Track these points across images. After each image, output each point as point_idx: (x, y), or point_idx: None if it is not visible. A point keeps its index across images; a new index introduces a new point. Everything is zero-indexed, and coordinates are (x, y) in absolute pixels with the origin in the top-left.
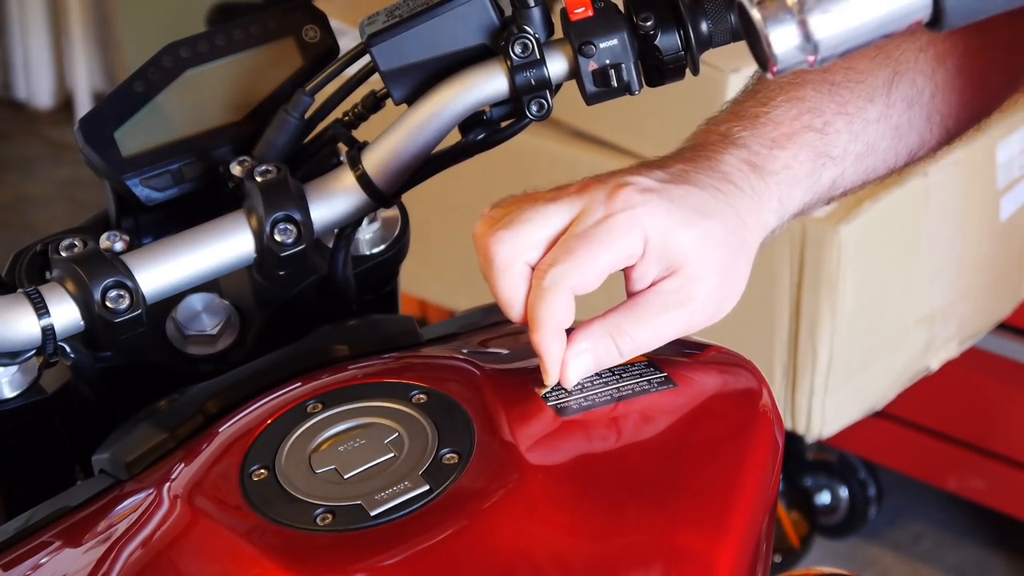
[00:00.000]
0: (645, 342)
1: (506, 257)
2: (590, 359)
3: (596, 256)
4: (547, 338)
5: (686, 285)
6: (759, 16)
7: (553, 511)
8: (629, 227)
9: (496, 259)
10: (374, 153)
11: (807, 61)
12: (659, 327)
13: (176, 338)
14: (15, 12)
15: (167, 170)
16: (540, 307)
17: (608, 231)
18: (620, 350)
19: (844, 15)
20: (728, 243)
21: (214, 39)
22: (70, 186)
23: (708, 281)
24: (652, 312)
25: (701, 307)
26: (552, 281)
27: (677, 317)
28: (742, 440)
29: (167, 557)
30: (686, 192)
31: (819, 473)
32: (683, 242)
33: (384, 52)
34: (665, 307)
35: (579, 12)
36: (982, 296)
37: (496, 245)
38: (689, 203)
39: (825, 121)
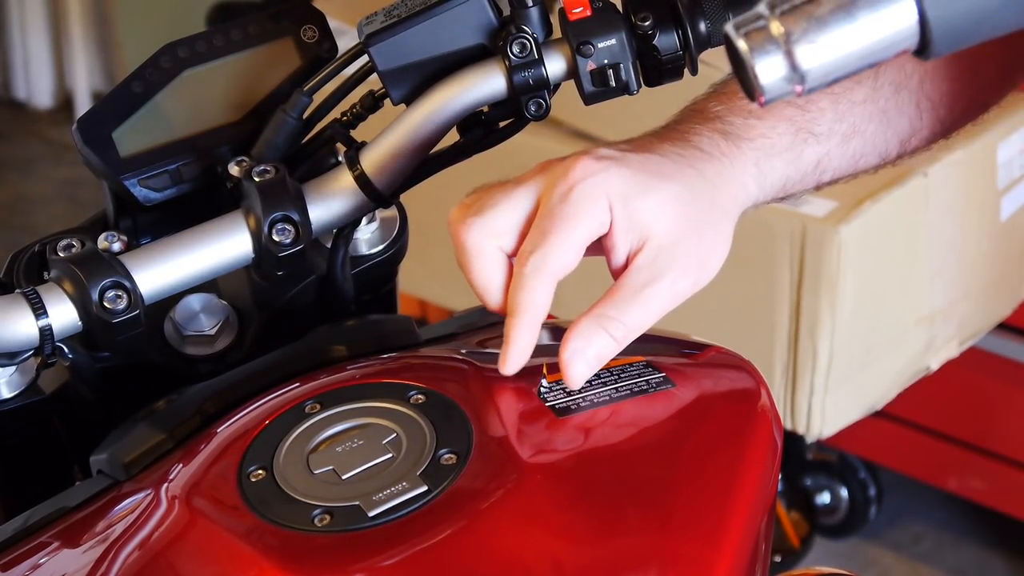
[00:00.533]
0: (636, 323)
1: (477, 243)
2: (589, 355)
3: (570, 232)
4: (521, 326)
5: (660, 254)
6: (745, 47)
7: (551, 512)
8: (593, 195)
9: (468, 245)
10: (372, 153)
11: (794, 91)
12: (645, 304)
13: (174, 338)
14: (15, 12)
15: (165, 170)
16: (520, 294)
17: (575, 203)
18: (613, 337)
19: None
20: (696, 203)
21: (212, 39)
22: (70, 186)
23: (682, 245)
24: (634, 291)
25: (682, 273)
26: (533, 267)
27: (660, 289)
28: (741, 440)
29: (165, 558)
30: (644, 158)
31: (819, 473)
32: (645, 208)
33: (382, 52)
34: (645, 282)
35: (577, 12)
36: (982, 296)
37: (466, 231)
38: (647, 168)
39: (807, 98)
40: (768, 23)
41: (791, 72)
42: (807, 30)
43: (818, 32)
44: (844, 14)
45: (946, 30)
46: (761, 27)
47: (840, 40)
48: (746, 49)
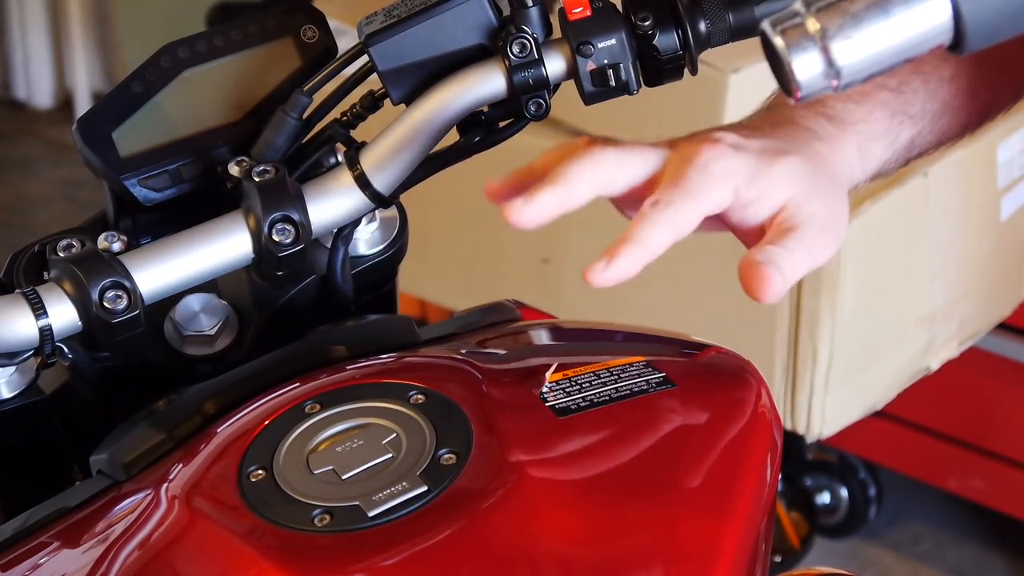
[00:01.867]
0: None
1: (602, 157)
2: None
3: (699, 199)
4: (631, 252)
5: (800, 209)
6: (782, 43)
7: (551, 512)
8: (724, 174)
9: (591, 152)
10: (372, 153)
11: (831, 86)
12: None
13: (174, 338)
14: (15, 12)
15: (165, 170)
16: (644, 226)
17: (709, 176)
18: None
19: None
20: (818, 172)
21: (212, 39)
22: (70, 186)
23: (815, 204)
24: (791, 231)
25: (824, 224)
26: (661, 213)
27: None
28: (740, 440)
29: (165, 558)
30: (763, 143)
31: (819, 473)
32: (773, 180)
33: (382, 52)
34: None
35: (577, 12)
36: (982, 296)
37: (596, 148)
38: (767, 150)
39: (900, 80)
40: (804, 20)
41: (827, 67)
42: (842, 26)
43: (853, 28)
44: (879, 10)
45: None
46: (797, 24)
47: (875, 36)
48: (783, 46)
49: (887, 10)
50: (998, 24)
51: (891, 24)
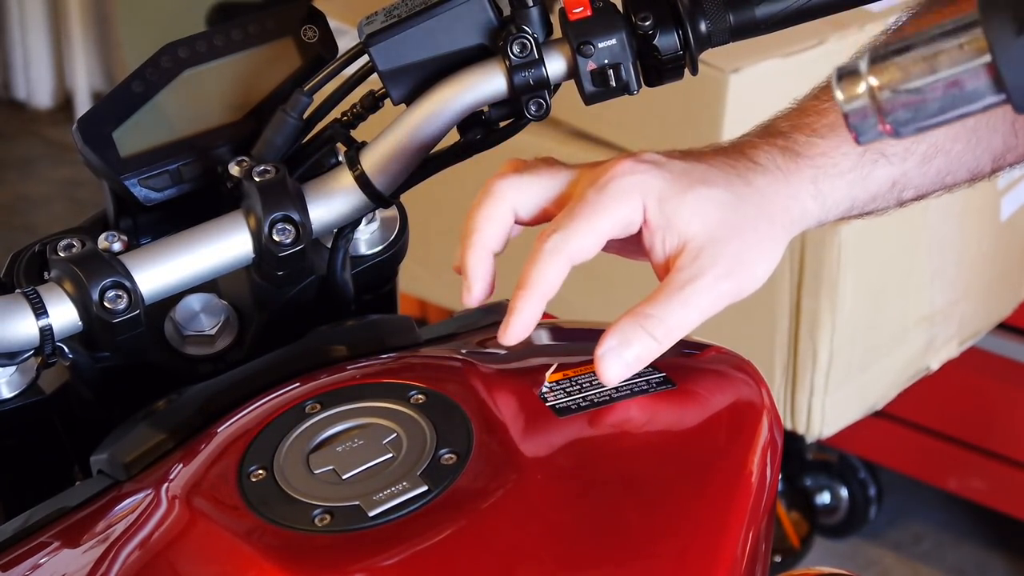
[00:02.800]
0: (677, 323)
1: (500, 191)
2: (627, 355)
3: (596, 220)
4: (529, 298)
5: (700, 254)
6: (841, 96)
7: (551, 511)
8: (627, 191)
9: (490, 191)
10: (372, 153)
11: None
12: (686, 303)
13: (174, 338)
14: (15, 12)
15: (165, 170)
16: (534, 268)
17: (607, 195)
18: (654, 337)
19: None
20: (740, 209)
21: (212, 39)
22: (70, 186)
23: (723, 246)
24: (674, 289)
25: (724, 272)
26: (553, 245)
27: (700, 288)
28: (741, 440)
29: (165, 558)
30: (689, 166)
31: (819, 473)
32: (683, 209)
33: (382, 52)
34: (686, 281)
35: (578, 12)
36: (982, 296)
37: (498, 180)
38: (690, 174)
39: None
40: (861, 73)
41: (879, 120)
42: (893, 81)
43: (903, 83)
44: (928, 68)
45: None
46: (855, 77)
47: (924, 92)
48: (841, 98)
49: (936, 72)
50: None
51: (939, 86)
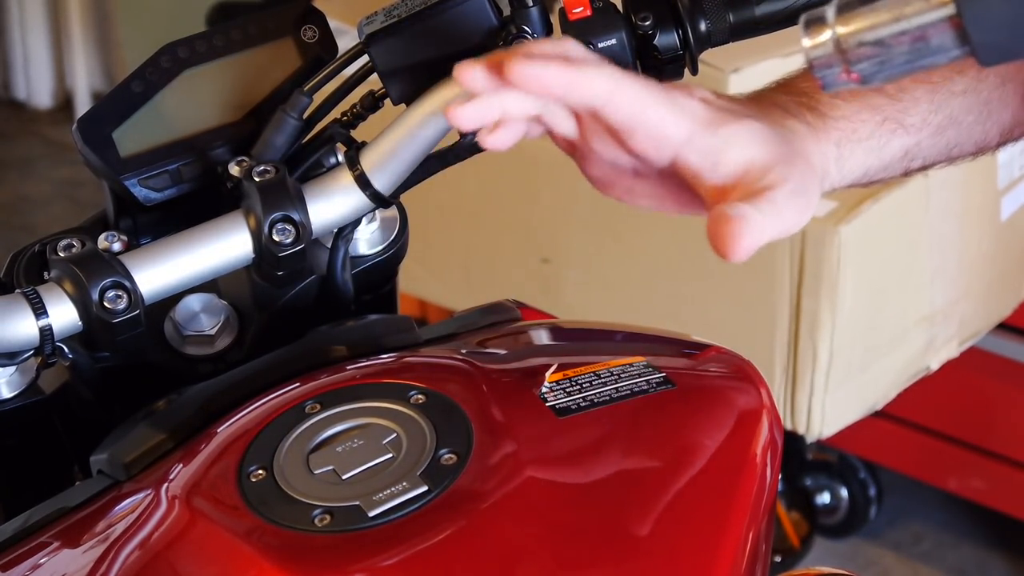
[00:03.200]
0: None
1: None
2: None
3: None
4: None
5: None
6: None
7: (551, 511)
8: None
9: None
10: (372, 153)
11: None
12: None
13: (174, 338)
14: (15, 12)
15: (165, 170)
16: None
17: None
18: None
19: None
20: (786, 145)
21: (212, 39)
22: (70, 186)
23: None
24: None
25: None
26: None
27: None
28: (741, 440)
29: (165, 558)
30: (734, 105)
31: (819, 473)
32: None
33: (382, 52)
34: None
35: (577, 12)
36: (982, 296)
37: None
38: (738, 111)
39: (899, 87)
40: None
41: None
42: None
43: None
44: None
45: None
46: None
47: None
48: (808, 44)
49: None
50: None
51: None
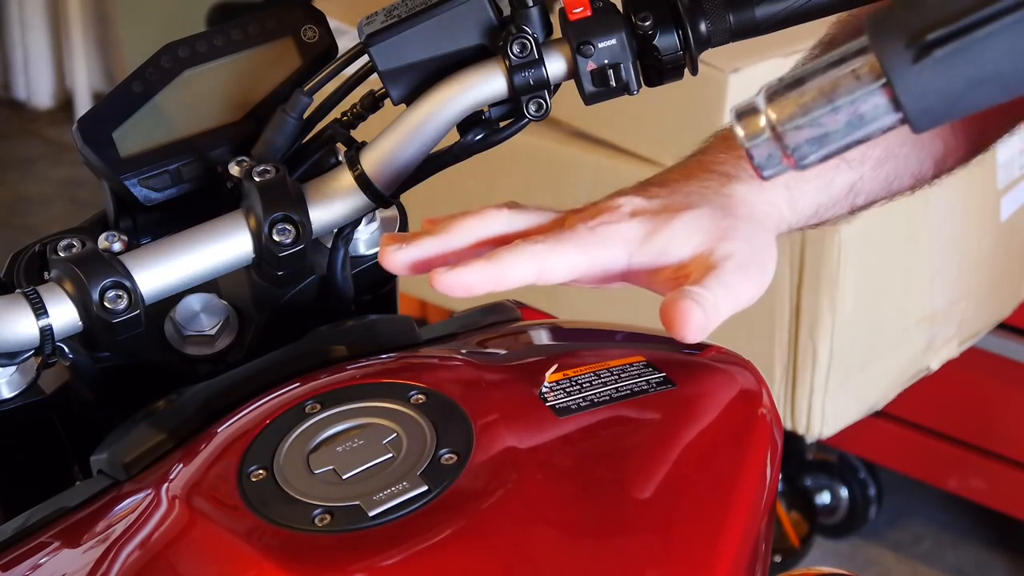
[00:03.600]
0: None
1: (492, 211)
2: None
3: (577, 252)
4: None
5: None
6: (741, 133)
7: (551, 511)
8: (611, 239)
9: (485, 208)
10: (372, 153)
11: (789, 167)
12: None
13: (174, 338)
14: (15, 12)
15: (165, 170)
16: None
17: (595, 235)
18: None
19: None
20: (729, 218)
21: (212, 39)
22: (70, 186)
23: (731, 244)
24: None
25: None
26: (532, 249)
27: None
28: (741, 440)
29: (165, 558)
30: (667, 200)
31: (819, 473)
32: (676, 234)
33: (382, 52)
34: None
35: (577, 12)
36: (982, 296)
37: (489, 208)
38: (669, 206)
39: None
40: (760, 111)
41: (782, 154)
42: (793, 116)
43: (803, 117)
44: (826, 101)
45: (921, 111)
46: (754, 114)
47: (824, 124)
48: (742, 135)
49: (834, 103)
50: (938, 109)
51: (838, 114)
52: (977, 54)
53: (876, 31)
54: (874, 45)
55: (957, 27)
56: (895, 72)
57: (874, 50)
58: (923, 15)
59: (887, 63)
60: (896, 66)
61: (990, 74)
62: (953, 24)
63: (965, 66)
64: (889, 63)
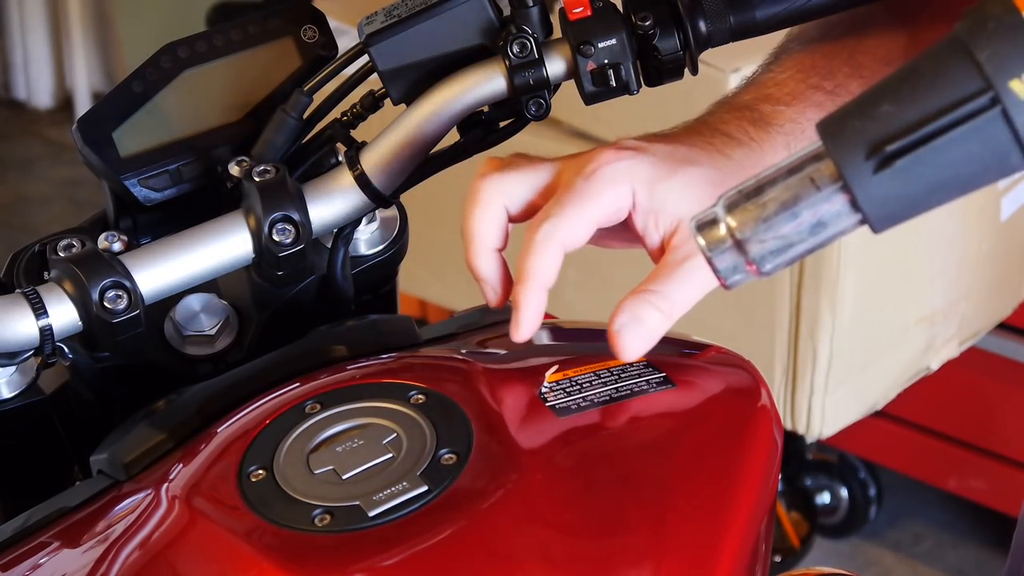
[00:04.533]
0: (682, 298)
1: (486, 193)
2: (641, 330)
3: (585, 207)
4: (530, 291)
5: None
6: (703, 243)
7: (551, 511)
8: (615, 178)
9: (477, 193)
10: (372, 153)
11: (752, 275)
12: (687, 278)
13: (174, 338)
14: (15, 12)
15: (165, 170)
16: (530, 260)
17: (595, 182)
18: (660, 310)
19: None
20: (726, 183)
21: (212, 39)
22: (69, 186)
23: None
24: (674, 266)
25: None
26: (544, 234)
27: (699, 263)
28: (741, 440)
29: (165, 558)
30: (671, 148)
31: (819, 473)
32: (673, 190)
33: (382, 52)
34: (684, 257)
35: (577, 12)
36: (982, 296)
37: (481, 181)
38: (674, 156)
39: (837, 83)
40: (720, 222)
41: (745, 262)
42: (756, 228)
43: (765, 230)
44: (788, 212)
45: (883, 216)
46: (715, 226)
47: (786, 234)
48: (703, 245)
49: (794, 211)
50: (899, 212)
51: (800, 223)
52: (935, 161)
53: (832, 140)
54: (832, 153)
55: (916, 137)
56: (856, 182)
57: (832, 158)
58: (879, 126)
59: (847, 173)
60: (856, 176)
61: (948, 177)
62: (911, 135)
63: (924, 172)
64: (849, 173)
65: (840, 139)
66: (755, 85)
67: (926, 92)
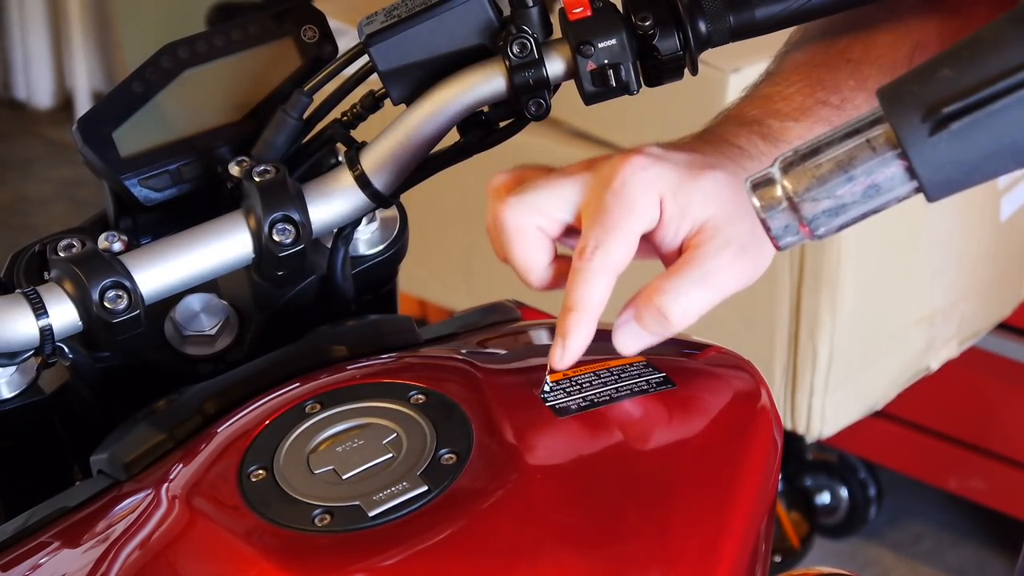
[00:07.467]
0: (695, 302)
1: (519, 222)
2: (641, 333)
3: (629, 227)
4: (582, 321)
5: (717, 234)
6: (758, 204)
7: (551, 512)
8: (645, 189)
9: (508, 224)
10: (372, 153)
11: (805, 237)
12: (704, 282)
13: (175, 338)
14: (15, 12)
15: (165, 170)
16: (583, 290)
17: (629, 198)
18: (665, 313)
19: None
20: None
21: (213, 39)
22: (70, 186)
23: (738, 226)
24: (694, 267)
25: (740, 251)
26: (599, 264)
27: (720, 267)
28: (741, 441)
29: (165, 558)
30: (689, 156)
31: (819, 473)
32: (696, 194)
33: (382, 52)
34: (705, 258)
35: (577, 12)
36: (982, 296)
37: (508, 210)
38: (695, 161)
39: (843, 97)
40: (776, 182)
41: (799, 224)
42: (809, 188)
43: (819, 188)
44: (842, 173)
45: (939, 183)
46: (771, 186)
47: (841, 195)
48: (758, 206)
49: (850, 174)
50: (954, 179)
51: (855, 185)
52: (992, 126)
53: (891, 104)
54: (889, 117)
55: (973, 100)
56: (912, 145)
57: (890, 122)
58: (938, 89)
59: (904, 136)
60: (913, 139)
61: (1004, 144)
62: (969, 97)
63: (980, 137)
64: (906, 136)
65: (898, 102)
66: (762, 99)
67: (986, 57)
